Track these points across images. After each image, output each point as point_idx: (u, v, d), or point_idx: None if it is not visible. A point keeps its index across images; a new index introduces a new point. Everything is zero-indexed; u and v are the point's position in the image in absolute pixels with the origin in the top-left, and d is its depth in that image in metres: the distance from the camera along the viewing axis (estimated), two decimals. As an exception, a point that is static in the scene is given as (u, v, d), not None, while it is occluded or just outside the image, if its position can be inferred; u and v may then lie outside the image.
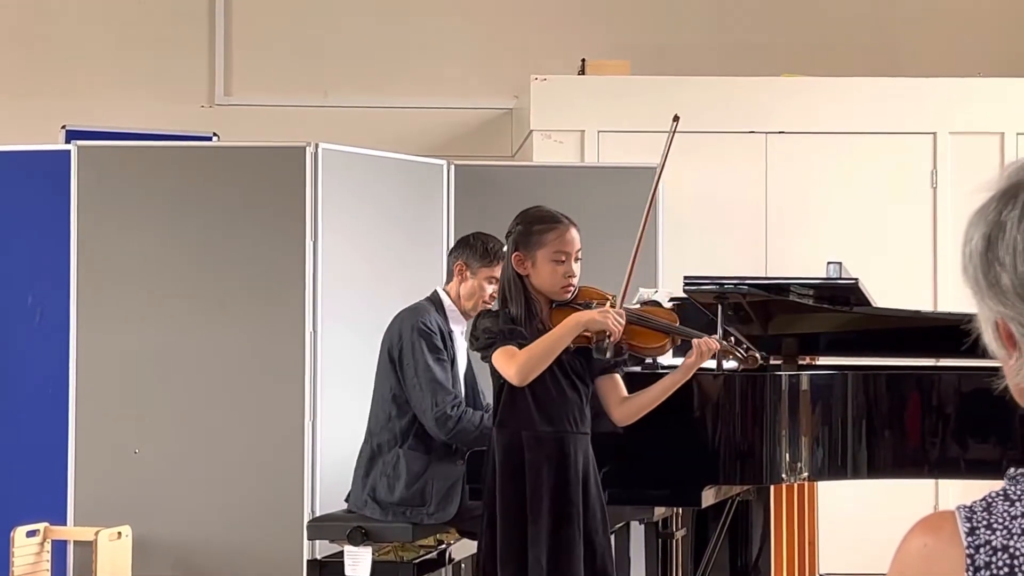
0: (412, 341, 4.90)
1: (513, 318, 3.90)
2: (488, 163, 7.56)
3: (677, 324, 4.09)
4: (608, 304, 3.96)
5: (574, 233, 3.97)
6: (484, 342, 3.88)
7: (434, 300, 5.08)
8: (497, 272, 5.01)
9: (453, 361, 4.98)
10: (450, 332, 5.01)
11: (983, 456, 4.52)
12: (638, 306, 4.15)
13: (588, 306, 3.97)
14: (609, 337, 3.82)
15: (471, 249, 5.07)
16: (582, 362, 3.95)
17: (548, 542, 3.79)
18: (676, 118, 4.06)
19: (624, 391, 3.99)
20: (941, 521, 1.28)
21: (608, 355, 3.87)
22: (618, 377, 4.01)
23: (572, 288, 3.95)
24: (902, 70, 8.26)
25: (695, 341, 3.97)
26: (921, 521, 1.29)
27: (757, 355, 4.08)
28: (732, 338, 4.10)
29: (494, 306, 4.24)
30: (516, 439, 3.85)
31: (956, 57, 8.53)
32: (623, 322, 3.84)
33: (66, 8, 8.53)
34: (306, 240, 6.48)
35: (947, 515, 1.29)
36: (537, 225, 3.96)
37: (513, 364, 3.81)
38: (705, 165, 7.50)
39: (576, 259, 3.97)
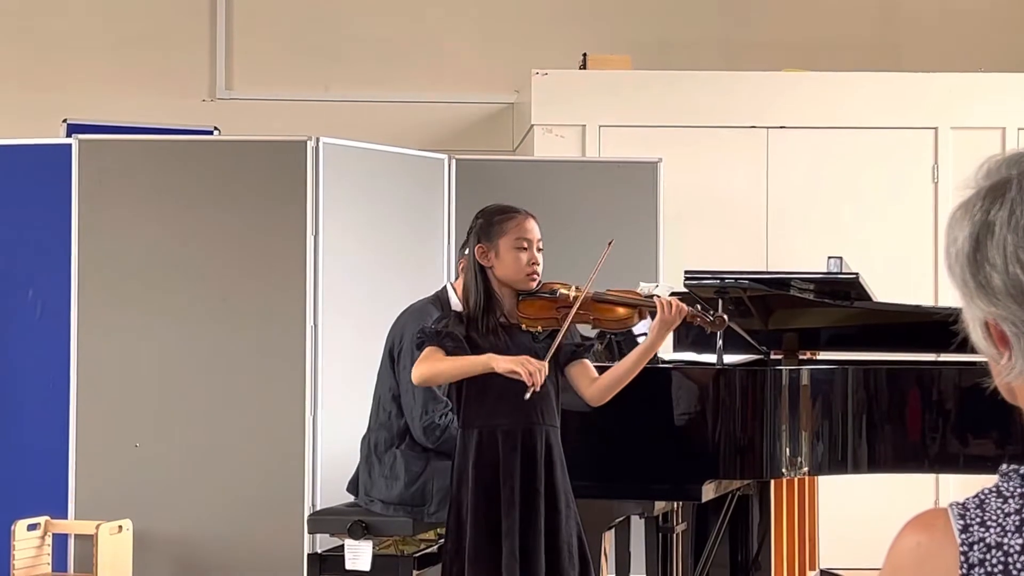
0: (412, 347, 4.90)
1: (469, 316, 3.91)
2: (489, 157, 7.56)
3: (642, 298, 4.07)
4: (574, 288, 3.96)
5: (533, 223, 3.99)
6: (417, 341, 3.94)
7: (441, 297, 5.07)
8: None
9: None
10: None
11: (983, 451, 4.52)
12: (605, 290, 4.12)
13: (553, 294, 3.96)
14: (532, 387, 3.79)
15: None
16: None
17: (520, 532, 3.80)
18: (610, 243, 4.05)
19: (594, 373, 3.98)
20: (934, 519, 1.28)
21: (526, 397, 3.82)
22: (587, 361, 4.00)
23: (537, 276, 3.95)
24: (904, 65, 8.26)
25: (658, 300, 3.93)
26: (914, 519, 1.28)
27: (724, 316, 4.05)
28: (698, 304, 4.07)
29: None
30: (485, 436, 3.85)
31: (958, 52, 8.53)
32: (544, 372, 3.79)
33: (67, 2, 8.53)
34: (307, 234, 6.48)
35: (940, 512, 1.28)
36: (497, 216, 3.99)
37: (419, 367, 3.90)
38: (706, 160, 7.50)
39: (538, 248, 3.97)
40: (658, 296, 3.98)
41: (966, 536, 1.24)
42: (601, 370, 4.01)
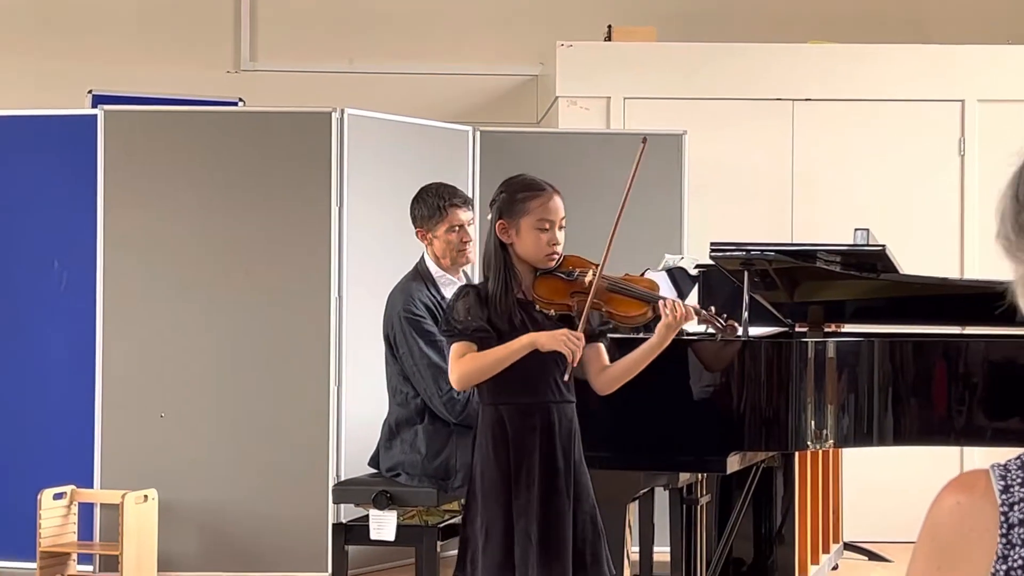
0: (403, 330, 4.90)
1: (488, 294, 3.87)
2: (513, 129, 7.55)
3: (658, 293, 4.01)
4: (590, 273, 3.90)
5: (558, 201, 3.93)
6: (446, 330, 3.89)
7: (422, 271, 5.07)
8: (455, 219, 5.02)
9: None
10: (442, 301, 4.96)
11: (1010, 424, 4.51)
12: (622, 275, 4.08)
13: (570, 275, 3.91)
14: (571, 364, 3.78)
15: (419, 211, 5.09)
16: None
17: (538, 512, 3.78)
18: (644, 140, 3.98)
19: (606, 360, 3.94)
20: (975, 479, 1.28)
21: (567, 378, 3.82)
22: (601, 347, 3.97)
23: (556, 256, 3.91)
24: (930, 37, 8.22)
25: (661, 303, 3.88)
26: (955, 479, 1.29)
27: (736, 324, 4.00)
28: (711, 308, 4.00)
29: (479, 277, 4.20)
30: (502, 413, 3.84)
31: (984, 24, 8.48)
32: (581, 344, 3.78)
33: (92, -27, 8.53)
34: (331, 205, 6.49)
35: (981, 473, 1.28)
36: (521, 193, 3.92)
37: (457, 369, 3.83)
38: (732, 132, 7.48)
39: (560, 227, 3.93)
40: (662, 298, 3.92)
41: (1007, 496, 1.25)
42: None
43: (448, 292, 4.98)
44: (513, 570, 3.79)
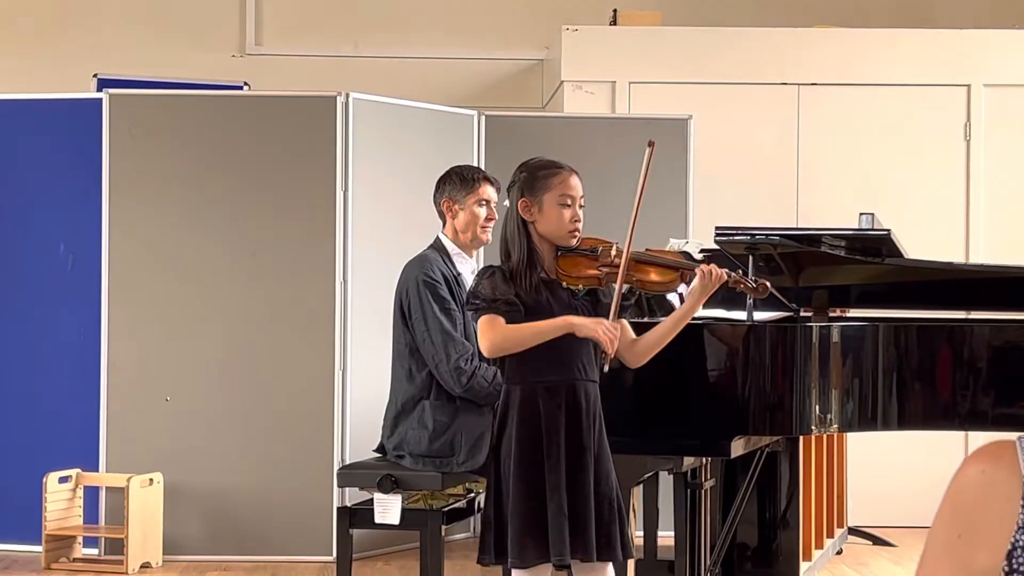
0: (419, 294, 4.89)
1: (513, 269, 3.89)
2: (519, 114, 7.54)
3: (684, 261, 4.07)
4: (614, 248, 3.95)
5: (577, 179, 3.98)
6: (474, 305, 3.90)
7: (437, 247, 5.07)
8: (484, 193, 5.03)
9: (463, 305, 4.96)
10: (458, 276, 4.99)
11: (1014, 408, 4.51)
12: (643, 249, 4.12)
13: (594, 252, 3.95)
14: (604, 353, 3.81)
15: (450, 183, 5.07)
16: (590, 310, 3.95)
17: (568, 490, 3.80)
18: (651, 144, 4.02)
19: (632, 334, 3.98)
20: (1001, 449, 1.29)
21: (606, 368, 3.86)
22: (625, 322, 4.01)
23: (578, 233, 3.95)
24: (936, 22, 8.20)
25: (701, 267, 3.93)
26: (981, 448, 1.30)
27: (767, 283, 4.05)
28: (740, 270, 4.06)
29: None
30: (529, 392, 3.86)
31: (991, 9, 8.47)
32: (618, 334, 3.83)
33: (97, -43, 8.53)
34: (336, 189, 6.49)
35: (1007, 444, 1.30)
36: (541, 171, 3.97)
37: (488, 336, 3.83)
38: (737, 116, 7.47)
39: (580, 205, 3.97)
40: (690, 264, 3.97)
41: None
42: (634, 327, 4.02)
43: (462, 268, 5.00)
44: (547, 550, 3.80)
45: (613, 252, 3.93)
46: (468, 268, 5.05)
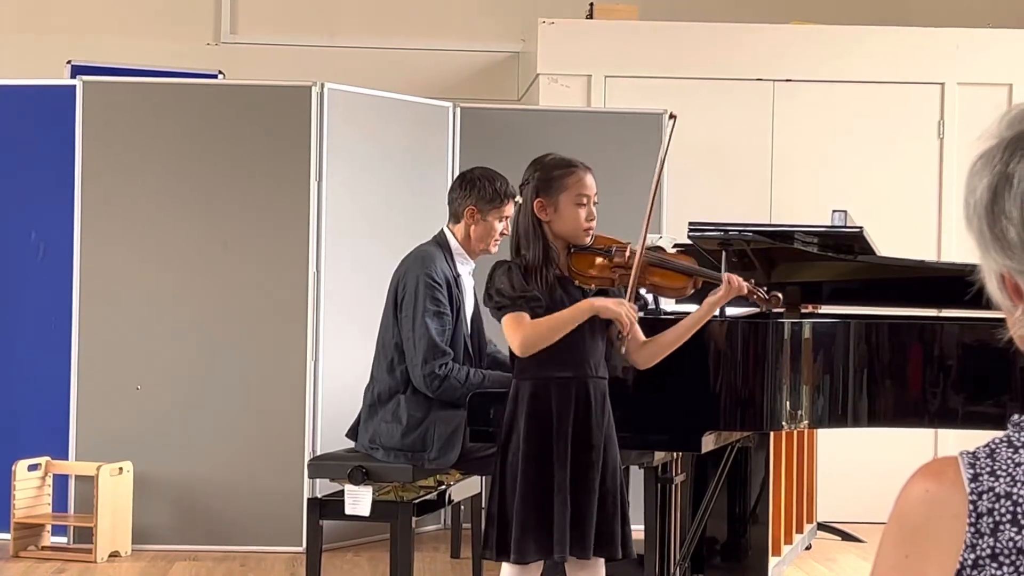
0: (416, 292, 4.88)
1: (527, 266, 3.89)
2: (494, 106, 7.53)
3: (697, 267, 4.11)
4: (628, 249, 3.97)
5: (591, 177, 4.00)
6: (497, 303, 3.88)
7: (441, 242, 5.05)
8: (508, 211, 5.00)
9: (459, 308, 4.96)
10: (457, 277, 4.99)
11: (983, 407, 4.53)
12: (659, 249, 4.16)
13: (608, 251, 3.97)
14: (621, 332, 3.84)
15: (479, 192, 5.02)
16: None
17: (573, 488, 3.81)
18: (673, 116, 4.05)
19: (642, 335, 4.00)
20: (943, 467, 1.27)
21: (623, 350, 3.89)
22: (636, 325, 4.02)
23: (592, 232, 3.97)
24: (911, 20, 8.23)
25: (726, 276, 3.98)
26: (923, 467, 1.28)
27: (780, 295, 4.10)
28: (752, 280, 4.11)
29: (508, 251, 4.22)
30: (540, 387, 3.86)
31: (965, 8, 8.49)
32: (636, 316, 3.87)
33: (72, -58, 8.48)
34: (311, 179, 6.48)
35: (950, 461, 1.28)
36: (557, 171, 3.97)
37: (519, 335, 3.83)
38: (711, 112, 7.48)
39: (594, 203, 3.98)
40: (703, 272, 4.03)
41: (975, 485, 1.24)
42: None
43: (462, 270, 5.00)
44: (548, 547, 3.80)
45: (627, 253, 3.95)
46: (467, 270, 5.06)
